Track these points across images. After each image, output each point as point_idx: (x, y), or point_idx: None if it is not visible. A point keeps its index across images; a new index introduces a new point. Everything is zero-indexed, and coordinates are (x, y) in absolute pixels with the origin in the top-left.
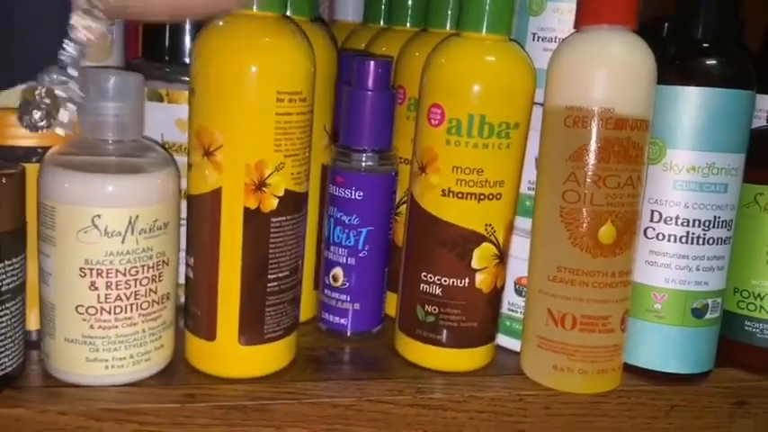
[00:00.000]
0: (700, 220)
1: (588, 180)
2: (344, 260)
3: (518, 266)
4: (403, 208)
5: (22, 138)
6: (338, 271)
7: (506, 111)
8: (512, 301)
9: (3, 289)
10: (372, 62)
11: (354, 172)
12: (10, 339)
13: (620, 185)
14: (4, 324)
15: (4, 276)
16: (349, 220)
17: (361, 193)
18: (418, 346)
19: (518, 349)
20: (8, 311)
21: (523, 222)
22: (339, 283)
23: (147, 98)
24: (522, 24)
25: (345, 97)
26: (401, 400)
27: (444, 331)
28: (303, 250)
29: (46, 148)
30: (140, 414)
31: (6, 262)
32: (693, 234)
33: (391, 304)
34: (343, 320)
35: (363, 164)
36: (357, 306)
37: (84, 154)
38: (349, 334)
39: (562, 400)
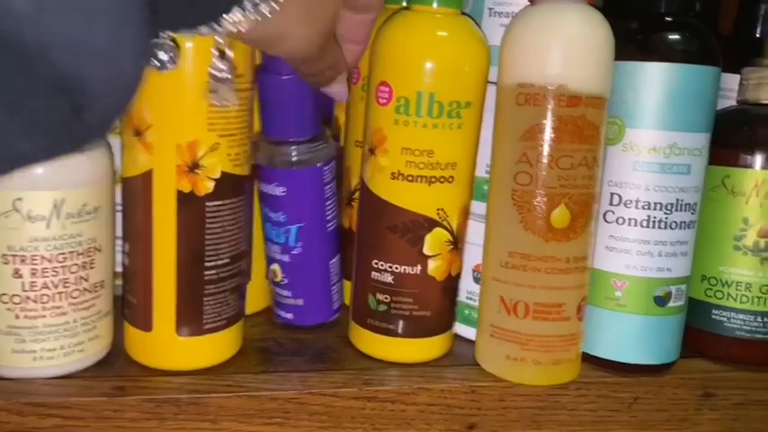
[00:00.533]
0: (662, 204)
1: (540, 161)
2: (279, 257)
3: (476, 253)
4: (358, 195)
5: None
6: (276, 267)
7: (457, 89)
8: (470, 290)
9: None
10: None
11: (273, 167)
12: None
13: (574, 166)
14: None
15: None
16: (276, 217)
17: (284, 189)
18: (370, 336)
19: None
20: None
21: (481, 207)
22: (279, 278)
23: None
24: None
25: (259, 85)
26: (345, 393)
27: (397, 320)
28: (247, 236)
29: None
30: (64, 408)
31: None
32: (655, 218)
33: (347, 293)
34: (289, 315)
35: (290, 158)
36: (300, 302)
37: None
38: (299, 326)
39: (517, 392)
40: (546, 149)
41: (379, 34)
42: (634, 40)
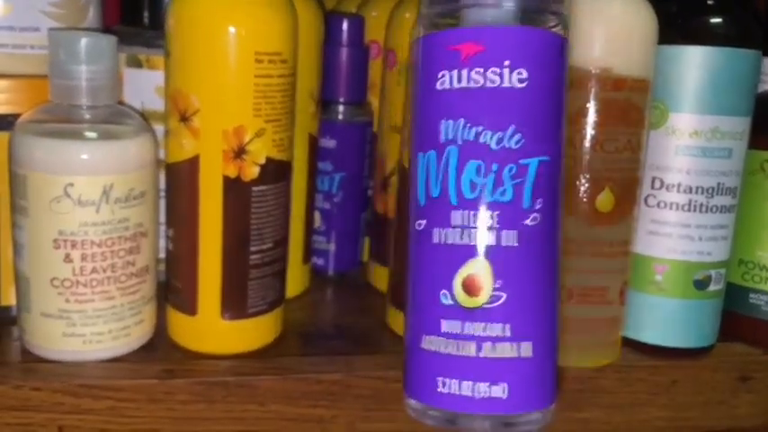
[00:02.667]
0: (703, 187)
1: (584, 144)
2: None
3: None
4: (394, 179)
5: None
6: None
7: None
8: None
9: None
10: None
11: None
12: None
13: (619, 150)
14: None
15: None
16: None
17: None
18: None
19: None
20: None
21: None
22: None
23: (126, 64)
24: None
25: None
26: (391, 376)
27: None
28: (288, 221)
29: (18, 116)
30: (117, 390)
31: None
32: (696, 202)
33: (381, 279)
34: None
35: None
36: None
37: (55, 120)
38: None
39: (558, 375)
40: (590, 133)
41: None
42: (675, 24)
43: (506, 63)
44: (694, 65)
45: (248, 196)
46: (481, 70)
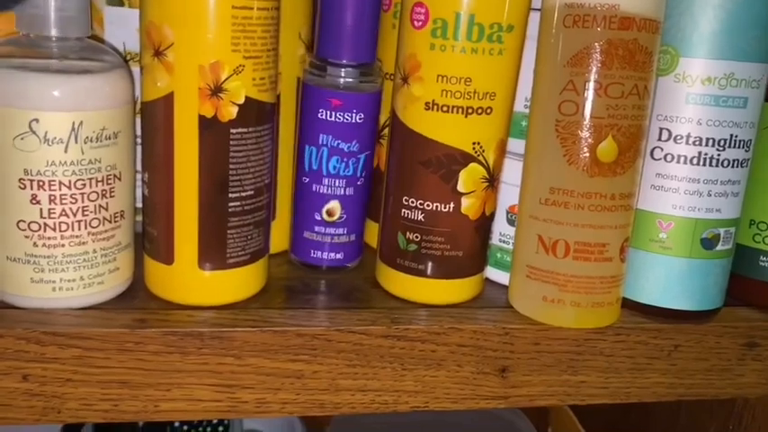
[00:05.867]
0: (714, 139)
1: (588, 88)
2: (342, 192)
3: (511, 193)
4: (388, 131)
5: None
6: (335, 205)
7: (499, 10)
8: (503, 232)
9: None
10: None
11: (353, 92)
12: None
13: (624, 95)
14: None
15: None
16: (348, 147)
17: (362, 116)
18: (399, 276)
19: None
20: None
21: (517, 145)
22: (336, 216)
23: (107, 2)
24: None
25: (323, 1)
26: (374, 330)
27: (427, 261)
28: (271, 169)
29: None
30: (84, 339)
31: None
32: (706, 155)
33: (372, 234)
34: (339, 255)
35: (342, 80)
36: (353, 238)
37: (22, 54)
38: (350, 267)
39: (553, 336)
40: (594, 76)
41: None
42: None
43: (354, 111)
44: (709, 4)
45: (226, 138)
46: (342, 113)
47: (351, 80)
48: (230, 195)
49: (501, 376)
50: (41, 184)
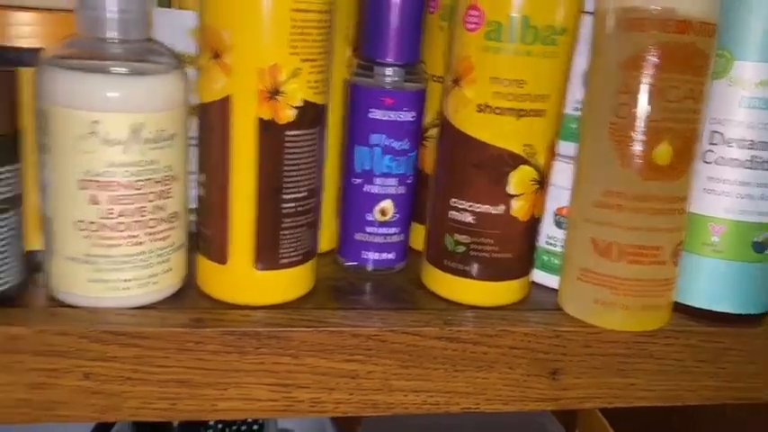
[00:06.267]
0: (767, 143)
1: (644, 91)
2: (394, 191)
3: (558, 195)
4: (432, 132)
5: (19, 39)
6: (388, 204)
7: (553, 12)
8: (550, 234)
9: None
10: None
11: (405, 90)
12: (6, 254)
13: (680, 99)
14: (0, 238)
15: None
16: (400, 145)
17: (414, 114)
18: (447, 278)
19: (555, 286)
20: (3, 224)
21: (566, 147)
22: (388, 216)
23: (156, 3)
24: None
25: (371, 4)
26: (428, 332)
27: (475, 262)
28: (322, 171)
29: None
30: (146, 338)
31: (2, 168)
32: (759, 158)
33: (416, 236)
34: (391, 255)
35: (390, 79)
36: (404, 237)
37: (83, 56)
38: (396, 268)
39: (604, 339)
40: (650, 79)
41: None
42: None
43: (405, 109)
44: (764, 7)
45: (282, 140)
46: (394, 112)
47: (397, 79)
48: (285, 197)
49: (552, 378)
50: (101, 184)
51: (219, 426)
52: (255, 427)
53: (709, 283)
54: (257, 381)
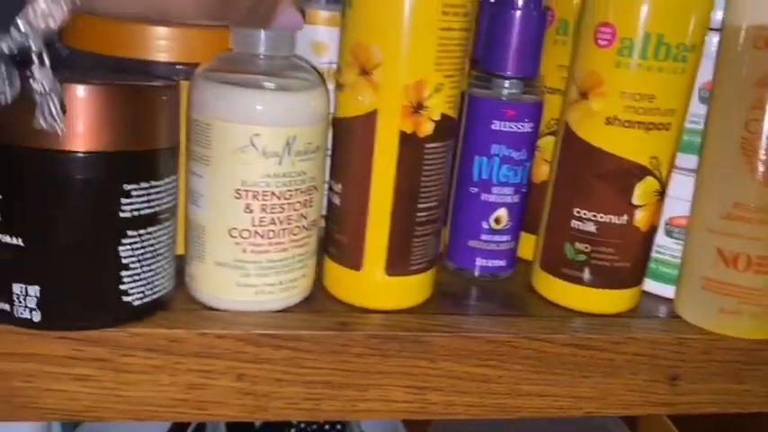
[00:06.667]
0: None
1: None
2: (509, 200)
3: (670, 205)
4: (543, 142)
5: (161, 53)
6: (503, 212)
7: (685, 30)
8: (661, 243)
9: (162, 208)
10: None
11: (525, 102)
12: (167, 260)
13: None
14: (163, 245)
15: (162, 195)
16: (518, 155)
17: (532, 125)
18: (563, 285)
19: (663, 294)
20: (166, 232)
21: (680, 158)
22: (503, 224)
23: None
24: None
25: (494, 18)
26: (557, 339)
27: (595, 270)
28: (450, 180)
29: (186, 65)
30: (296, 340)
31: (166, 179)
32: None
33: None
34: (502, 262)
35: (509, 91)
36: (515, 244)
37: (235, 70)
38: (503, 275)
39: (724, 346)
40: None
41: None
42: None
43: (527, 121)
44: None
45: (422, 152)
46: (515, 123)
47: (516, 91)
48: (419, 206)
49: (670, 384)
50: (256, 194)
51: (302, 425)
52: (339, 426)
53: None
54: (395, 383)
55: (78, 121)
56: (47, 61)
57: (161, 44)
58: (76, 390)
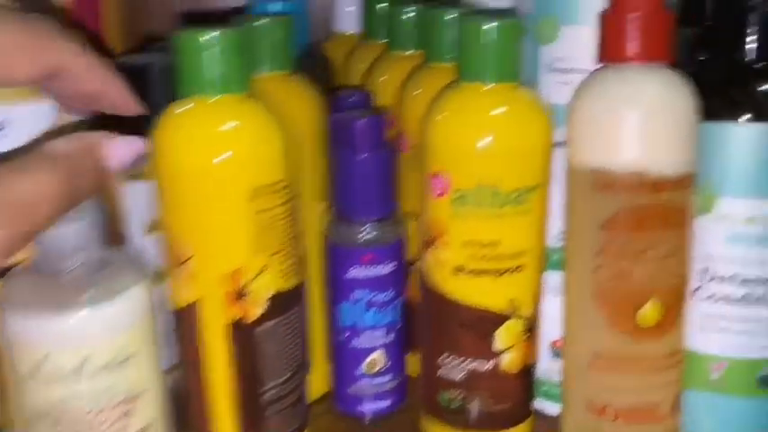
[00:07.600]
0: (762, 278)
1: (624, 253)
2: (383, 341)
3: (551, 328)
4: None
5: None
6: (377, 356)
7: (520, 177)
8: (547, 368)
9: None
10: (362, 122)
11: (383, 244)
12: None
13: (662, 257)
14: None
15: None
16: (384, 296)
17: (395, 263)
18: (447, 429)
19: (557, 412)
20: None
21: (553, 277)
22: (379, 367)
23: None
24: (532, 54)
25: (338, 165)
26: None
27: (472, 415)
28: (306, 344)
29: None
30: None
31: None
32: (754, 295)
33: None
34: (386, 403)
35: (368, 235)
36: (397, 382)
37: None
38: (394, 411)
39: None
40: (629, 241)
41: (428, 117)
42: (721, 97)
43: (387, 262)
44: (745, 144)
45: (253, 336)
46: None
47: (375, 233)
48: (266, 387)
49: None
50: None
51: None
52: None
53: (714, 421)
54: None
55: None
56: None
57: None
58: None
